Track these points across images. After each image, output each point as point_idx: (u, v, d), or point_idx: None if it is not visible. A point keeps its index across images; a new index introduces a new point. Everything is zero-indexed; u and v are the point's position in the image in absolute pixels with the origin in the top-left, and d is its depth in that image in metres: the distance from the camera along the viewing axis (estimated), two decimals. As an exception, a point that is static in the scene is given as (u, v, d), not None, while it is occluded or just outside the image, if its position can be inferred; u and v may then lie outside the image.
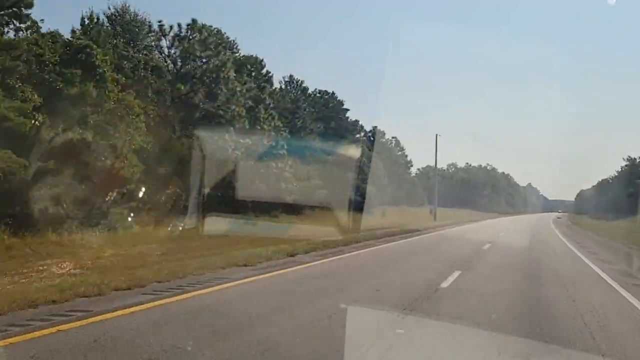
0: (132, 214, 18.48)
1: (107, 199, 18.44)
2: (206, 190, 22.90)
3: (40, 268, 9.93)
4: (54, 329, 5.56)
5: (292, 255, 12.68)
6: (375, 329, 5.85)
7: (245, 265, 10.70)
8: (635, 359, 5.55)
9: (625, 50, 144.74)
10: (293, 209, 28.86)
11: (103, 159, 17.94)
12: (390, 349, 5.16)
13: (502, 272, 11.19)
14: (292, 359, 4.77)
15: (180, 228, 18.47)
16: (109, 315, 5.99)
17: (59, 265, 10.41)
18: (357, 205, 29.80)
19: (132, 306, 6.42)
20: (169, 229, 18.53)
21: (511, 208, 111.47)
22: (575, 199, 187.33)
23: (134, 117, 19.10)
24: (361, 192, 32.05)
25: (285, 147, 32.30)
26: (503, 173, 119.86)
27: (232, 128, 26.99)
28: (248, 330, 5.54)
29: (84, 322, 5.76)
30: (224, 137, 25.74)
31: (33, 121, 15.87)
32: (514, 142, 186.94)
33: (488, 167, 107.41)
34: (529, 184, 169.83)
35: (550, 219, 65.26)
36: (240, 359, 4.73)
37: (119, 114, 18.37)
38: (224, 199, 24.14)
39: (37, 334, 5.52)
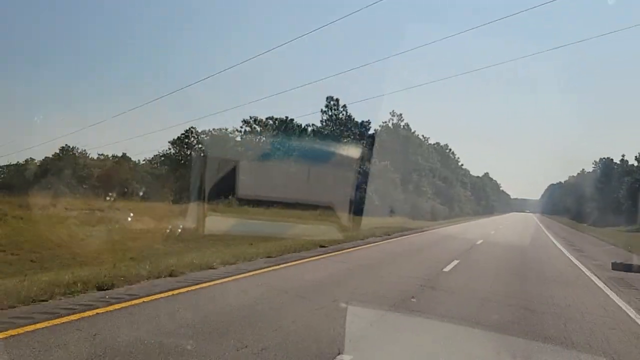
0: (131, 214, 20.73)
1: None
2: (207, 190, 25.63)
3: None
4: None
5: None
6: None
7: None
8: None
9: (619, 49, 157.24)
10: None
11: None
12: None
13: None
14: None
15: (180, 229, 19.39)
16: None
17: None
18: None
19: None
20: (168, 229, 19.59)
21: (449, 203, 73.65)
22: (542, 197, 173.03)
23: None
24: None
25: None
26: (438, 145, 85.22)
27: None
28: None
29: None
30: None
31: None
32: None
33: (400, 126, 62.91)
34: (487, 174, 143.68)
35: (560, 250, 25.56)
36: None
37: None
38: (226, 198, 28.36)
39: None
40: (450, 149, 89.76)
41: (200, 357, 5.30)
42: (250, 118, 51.51)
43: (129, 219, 21.52)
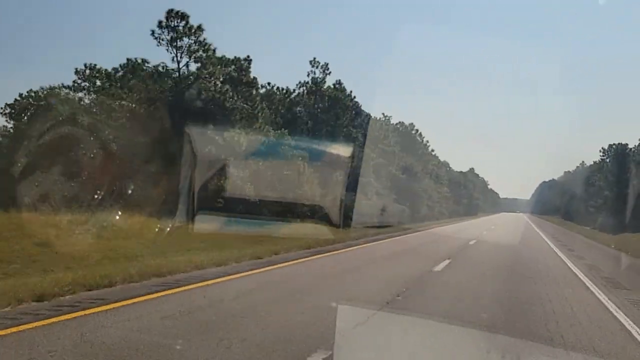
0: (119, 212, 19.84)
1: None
2: (196, 188, 22.92)
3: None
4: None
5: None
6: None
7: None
8: None
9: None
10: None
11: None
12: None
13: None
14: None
15: (169, 228, 19.58)
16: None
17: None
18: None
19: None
20: (157, 228, 19.68)
21: (413, 201, 54.37)
22: (532, 196, 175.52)
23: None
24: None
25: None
26: (401, 124, 67.08)
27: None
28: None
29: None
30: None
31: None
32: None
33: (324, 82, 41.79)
34: (472, 170, 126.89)
35: None
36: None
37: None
38: (215, 197, 24.03)
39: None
40: (417, 130, 68.47)
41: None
42: (86, 67, 33.72)
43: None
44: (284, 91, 38.09)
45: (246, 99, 26.84)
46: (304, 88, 37.77)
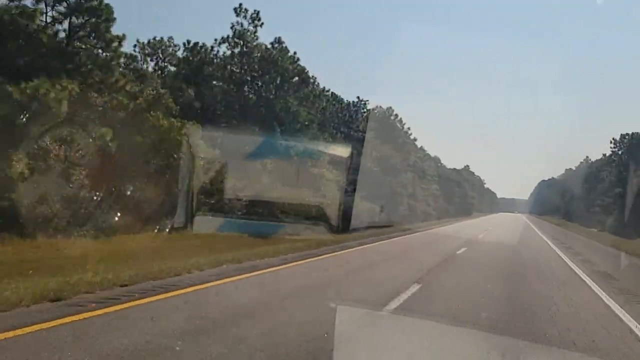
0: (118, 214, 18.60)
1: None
2: (195, 190, 21.72)
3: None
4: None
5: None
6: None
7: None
8: None
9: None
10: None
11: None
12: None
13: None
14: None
15: (168, 229, 18.80)
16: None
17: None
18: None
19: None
20: (156, 230, 18.96)
21: (389, 199, 43.98)
22: (531, 196, 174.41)
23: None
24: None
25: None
26: (379, 108, 55.08)
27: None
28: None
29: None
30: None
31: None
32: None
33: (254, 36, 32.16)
34: (467, 167, 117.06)
35: None
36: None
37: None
38: (214, 198, 22.38)
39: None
40: (397, 116, 56.02)
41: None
42: None
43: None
44: (195, 45, 26.98)
45: (93, 39, 17.94)
46: (227, 45, 27.61)
